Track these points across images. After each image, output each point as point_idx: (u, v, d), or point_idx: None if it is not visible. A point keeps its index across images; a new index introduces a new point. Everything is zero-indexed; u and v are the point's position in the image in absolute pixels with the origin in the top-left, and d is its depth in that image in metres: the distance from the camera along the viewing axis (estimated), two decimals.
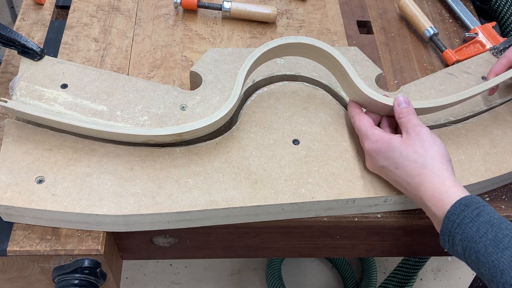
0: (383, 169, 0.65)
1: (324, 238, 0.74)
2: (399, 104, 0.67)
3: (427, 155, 0.61)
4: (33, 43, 0.73)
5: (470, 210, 0.56)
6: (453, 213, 0.57)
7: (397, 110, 0.67)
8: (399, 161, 0.63)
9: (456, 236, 0.56)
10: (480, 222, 0.55)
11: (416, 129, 0.64)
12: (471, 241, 0.55)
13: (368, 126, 0.67)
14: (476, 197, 0.58)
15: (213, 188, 0.65)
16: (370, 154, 0.66)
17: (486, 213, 0.56)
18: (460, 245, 0.56)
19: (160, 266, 1.57)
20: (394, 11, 0.98)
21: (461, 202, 0.57)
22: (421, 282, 1.60)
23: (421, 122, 0.65)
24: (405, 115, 0.66)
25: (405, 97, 0.67)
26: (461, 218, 0.56)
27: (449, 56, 0.87)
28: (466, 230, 0.55)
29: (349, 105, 0.72)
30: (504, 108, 0.78)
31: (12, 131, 0.68)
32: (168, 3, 0.93)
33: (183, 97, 0.73)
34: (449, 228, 0.57)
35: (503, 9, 0.95)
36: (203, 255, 0.77)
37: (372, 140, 0.65)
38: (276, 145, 0.70)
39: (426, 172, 0.60)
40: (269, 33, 0.91)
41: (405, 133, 0.64)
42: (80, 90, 0.72)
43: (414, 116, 0.66)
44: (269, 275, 1.50)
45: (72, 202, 0.63)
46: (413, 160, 0.61)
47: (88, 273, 0.65)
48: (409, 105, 0.67)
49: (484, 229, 0.54)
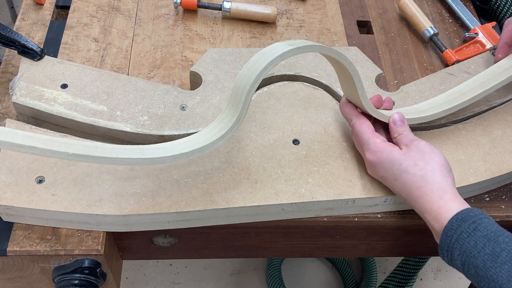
0: (382, 178, 0.65)
1: (324, 238, 0.74)
2: (394, 122, 0.67)
3: (427, 168, 0.61)
4: (33, 43, 0.73)
5: (467, 225, 0.56)
6: (451, 228, 0.57)
7: (393, 129, 0.67)
8: (398, 173, 0.62)
9: (454, 251, 0.56)
10: (477, 237, 0.55)
11: (415, 143, 0.64)
12: (469, 256, 0.55)
13: (369, 134, 0.66)
14: (474, 210, 0.58)
15: (213, 188, 0.65)
16: (370, 163, 0.65)
17: (483, 227, 0.56)
18: (459, 259, 0.56)
19: (160, 266, 1.57)
20: (394, 11, 0.98)
21: (457, 217, 0.57)
22: (421, 282, 1.60)
23: (417, 137, 0.65)
24: (401, 133, 0.66)
25: (400, 115, 0.67)
26: (459, 233, 0.56)
27: (449, 56, 0.87)
28: (464, 245, 0.55)
29: (343, 105, 0.69)
30: (504, 108, 0.78)
31: None
32: (168, 3, 0.93)
33: (183, 97, 0.73)
34: (447, 243, 0.57)
35: (503, 9, 0.95)
36: (203, 255, 0.77)
37: (373, 150, 0.64)
38: (276, 145, 0.70)
39: (426, 185, 0.60)
40: (269, 33, 0.91)
41: (404, 146, 0.64)
42: (80, 90, 0.72)
43: (410, 131, 0.66)
44: (269, 275, 1.51)
45: (72, 202, 0.63)
46: (413, 173, 0.61)
47: (88, 273, 0.65)
48: (405, 123, 0.67)
49: (481, 243, 0.54)
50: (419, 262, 1.32)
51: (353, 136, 0.69)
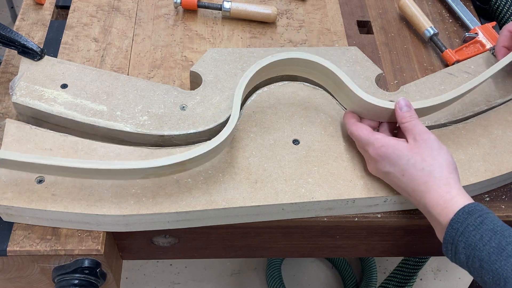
0: (387, 174, 0.64)
1: (324, 238, 0.74)
2: (401, 108, 0.66)
3: (435, 164, 0.61)
4: (33, 43, 0.73)
5: (474, 218, 0.56)
6: (457, 221, 0.57)
7: (400, 114, 0.65)
8: (406, 168, 0.62)
9: (459, 244, 0.56)
10: (483, 230, 0.55)
11: (424, 136, 0.63)
12: (474, 248, 0.55)
13: (368, 133, 0.65)
14: (480, 205, 0.58)
15: (213, 188, 0.65)
16: (375, 159, 0.65)
17: (489, 221, 0.56)
18: (463, 253, 0.56)
19: (160, 266, 1.57)
20: (394, 11, 0.98)
21: (464, 210, 0.57)
22: (421, 282, 1.60)
23: (427, 129, 0.64)
24: (408, 119, 0.64)
25: (406, 101, 0.66)
26: (465, 226, 0.56)
27: (449, 56, 0.87)
28: (469, 238, 0.55)
29: (345, 116, 0.71)
30: (504, 108, 0.78)
31: (12, 131, 0.68)
32: (168, 3, 0.93)
33: (183, 97, 0.73)
34: (453, 236, 0.57)
35: (503, 9, 0.95)
36: (203, 255, 0.77)
37: (377, 145, 0.64)
38: (276, 145, 0.70)
39: (433, 180, 0.60)
40: (269, 33, 0.91)
41: (411, 139, 0.63)
42: (80, 90, 0.72)
43: (418, 121, 0.65)
44: (269, 275, 1.50)
45: (72, 202, 0.63)
46: (421, 168, 0.61)
47: (88, 273, 0.65)
48: (411, 108, 0.66)
49: (487, 236, 0.54)
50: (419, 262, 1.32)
51: (356, 143, 0.69)
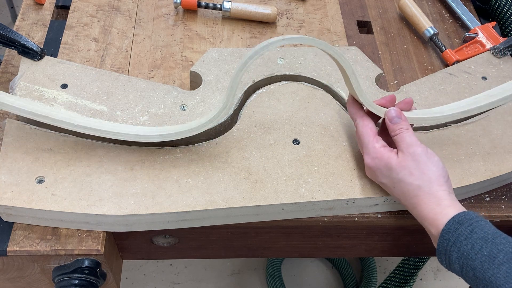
0: (381, 183, 0.65)
1: (324, 238, 0.74)
2: (391, 119, 0.64)
3: (423, 178, 0.60)
4: (33, 43, 0.73)
5: (464, 227, 0.56)
6: (448, 232, 0.57)
7: (390, 127, 0.64)
8: (395, 181, 0.62)
9: (452, 254, 0.56)
10: (474, 239, 0.55)
11: (410, 150, 0.61)
12: (467, 258, 0.55)
13: (370, 137, 0.64)
14: (470, 213, 0.57)
15: (213, 188, 0.65)
16: (370, 167, 0.65)
17: (479, 229, 0.56)
18: (457, 262, 0.56)
19: (160, 266, 1.57)
20: (394, 11, 0.98)
21: (454, 220, 0.57)
22: (421, 282, 1.60)
23: (416, 140, 0.62)
24: (398, 132, 0.63)
25: (397, 111, 0.65)
26: (456, 236, 0.56)
27: (449, 56, 0.87)
28: (461, 248, 0.55)
29: (349, 104, 0.68)
30: (504, 108, 0.78)
31: (12, 131, 0.68)
32: (168, 3, 0.93)
33: (183, 97, 0.73)
34: (445, 246, 0.57)
35: (503, 9, 0.95)
36: (203, 255, 0.77)
37: (372, 156, 0.64)
38: (276, 145, 0.70)
39: (423, 194, 0.60)
40: (269, 33, 0.91)
41: (400, 152, 0.62)
42: (80, 90, 0.72)
43: (409, 132, 0.63)
44: (269, 275, 1.50)
45: (72, 202, 0.63)
46: (409, 183, 0.61)
47: (88, 273, 0.65)
48: (402, 118, 0.64)
49: (478, 245, 0.55)
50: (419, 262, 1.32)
51: (356, 136, 0.69)
